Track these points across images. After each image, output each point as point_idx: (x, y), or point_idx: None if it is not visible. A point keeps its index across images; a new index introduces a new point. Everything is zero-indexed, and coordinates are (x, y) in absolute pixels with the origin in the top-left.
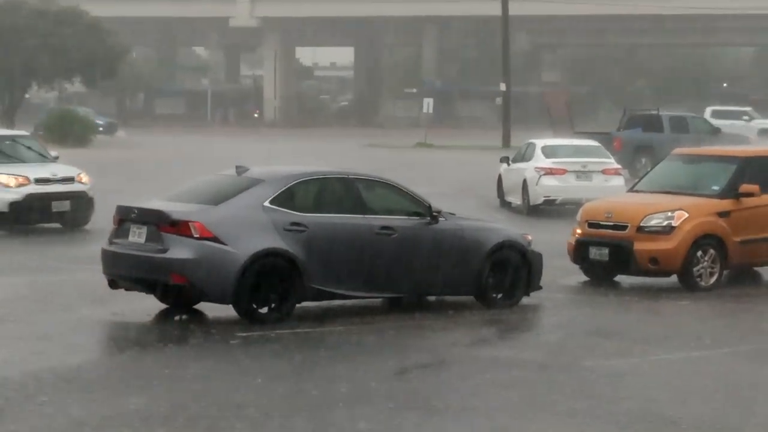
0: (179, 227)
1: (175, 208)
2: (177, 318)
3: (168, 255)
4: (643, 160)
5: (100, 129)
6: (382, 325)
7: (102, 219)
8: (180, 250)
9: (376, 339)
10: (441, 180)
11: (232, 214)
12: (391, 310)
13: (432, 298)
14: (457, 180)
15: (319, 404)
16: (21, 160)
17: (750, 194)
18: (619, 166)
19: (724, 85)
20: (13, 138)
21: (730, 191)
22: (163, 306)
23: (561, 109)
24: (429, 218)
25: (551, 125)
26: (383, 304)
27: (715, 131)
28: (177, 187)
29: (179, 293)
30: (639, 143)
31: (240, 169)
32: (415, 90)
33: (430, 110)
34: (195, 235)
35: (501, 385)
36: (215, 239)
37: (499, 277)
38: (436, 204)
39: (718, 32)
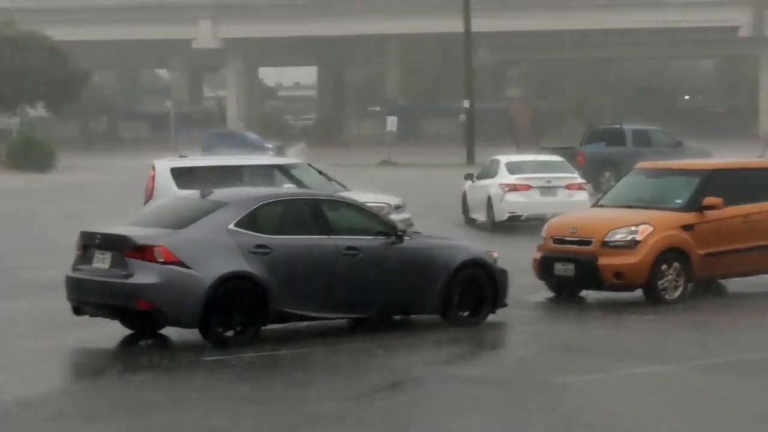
0: (143, 252)
1: (139, 233)
2: (142, 343)
3: (133, 280)
4: (607, 174)
5: None
6: (349, 345)
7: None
8: (145, 275)
9: (344, 360)
10: (405, 198)
11: (197, 237)
12: (358, 330)
13: (398, 317)
14: (422, 197)
15: (292, 426)
16: None
17: (713, 207)
18: (583, 181)
19: (686, 97)
20: None
21: (694, 204)
22: (128, 332)
23: (525, 125)
24: (394, 237)
25: (515, 141)
26: (350, 325)
27: (678, 144)
28: (140, 211)
29: (145, 318)
30: (602, 157)
31: (204, 192)
32: (378, 108)
33: (394, 128)
34: (159, 260)
35: (469, 403)
36: (180, 263)
37: (465, 295)
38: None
39: (678, 45)
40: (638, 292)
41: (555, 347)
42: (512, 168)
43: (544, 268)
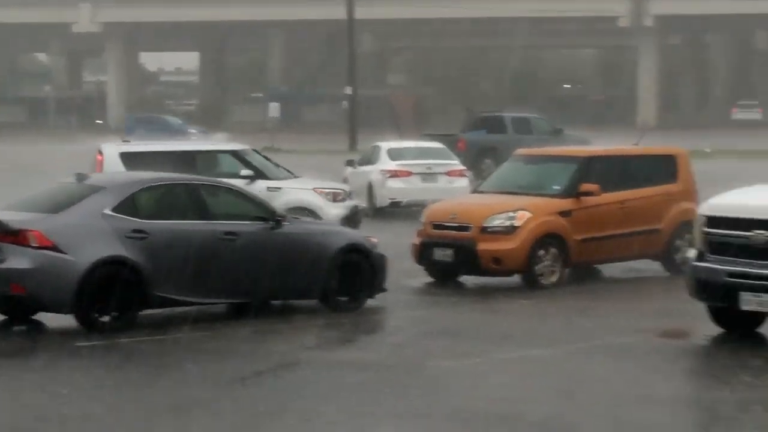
0: (17, 236)
1: (13, 217)
2: (16, 329)
3: (6, 265)
4: (488, 161)
5: None
6: (227, 331)
7: None
8: (18, 259)
9: (222, 345)
10: None
11: (72, 222)
12: (236, 315)
13: (277, 302)
14: None
15: (164, 411)
16: None
17: (590, 193)
18: (463, 168)
19: (566, 86)
20: None
21: (571, 191)
22: (0, 317)
23: (407, 112)
24: (273, 222)
25: (397, 128)
26: (228, 310)
27: (557, 132)
28: (15, 196)
29: (18, 303)
30: (483, 144)
31: (80, 177)
32: (261, 94)
33: (277, 114)
34: (33, 244)
35: (347, 388)
36: (54, 248)
37: (344, 280)
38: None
39: (559, 35)
40: (516, 278)
41: (433, 332)
42: (393, 154)
43: (424, 253)
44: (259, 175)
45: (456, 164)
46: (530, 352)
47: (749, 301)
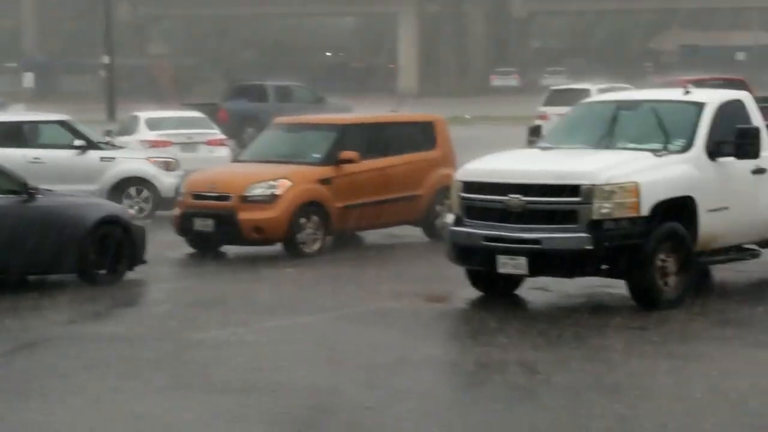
0: None
1: None
2: None
3: None
4: (250, 130)
5: None
6: None
7: None
8: None
9: None
10: None
11: None
12: None
13: (34, 277)
14: None
15: None
16: None
17: (350, 161)
18: (224, 137)
19: (327, 54)
20: None
21: (331, 158)
22: None
23: (167, 81)
24: (25, 195)
25: (158, 97)
26: None
27: (319, 100)
28: None
29: None
30: (244, 114)
31: None
32: (15, 64)
33: (32, 85)
34: None
35: (108, 362)
36: None
37: (102, 253)
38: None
39: (320, 2)
40: (278, 246)
41: (194, 303)
42: (152, 124)
43: (184, 224)
44: (91, 145)
45: (216, 133)
46: (294, 320)
47: (506, 264)
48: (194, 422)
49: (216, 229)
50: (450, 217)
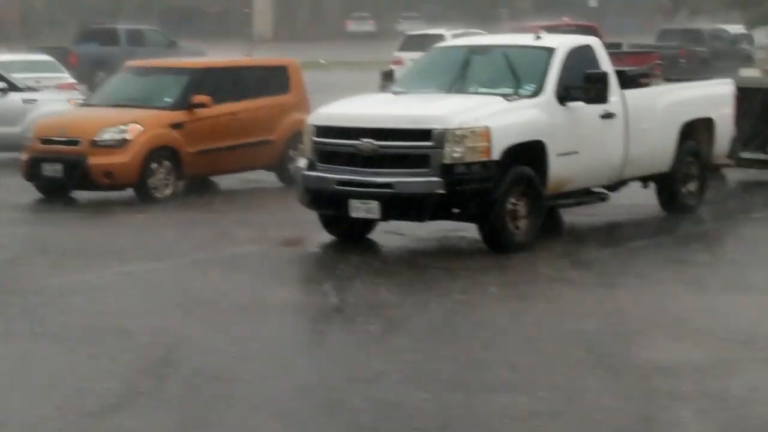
0: None
1: None
2: None
3: None
4: (100, 74)
5: None
6: None
7: None
8: None
9: None
10: None
11: None
12: None
13: None
14: None
15: None
16: None
17: (202, 105)
18: (74, 81)
19: None
20: None
21: (183, 103)
22: None
23: (15, 24)
24: None
25: (4, 40)
26: None
27: (172, 44)
28: None
29: None
30: (95, 57)
31: None
32: None
33: None
34: None
35: None
36: None
37: None
38: None
39: None
40: (130, 192)
41: (43, 249)
42: None
43: (33, 169)
44: (12, 87)
45: (66, 77)
46: (146, 266)
47: (358, 209)
48: (39, 367)
49: (65, 174)
50: (303, 162)
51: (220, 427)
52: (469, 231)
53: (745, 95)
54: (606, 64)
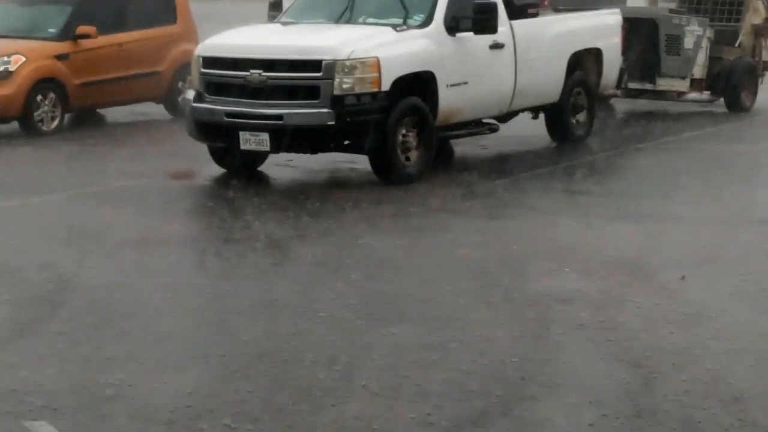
0: None
1: None
2: None
3: None
4: None
5: None
6: None
7: None
8: None
9: None
10: None
11: None
12: None
13: None
14: None
15: None
16: None
17: (87, 36)
18: None
19: None
20: None
21: (68, 33)
22: None
23: None
24: None
25: None
26: None
27: None
28: None
29: None
30: None
31: None
32: None
33: None
34: None
35: None
36: None
37: None
38: None
39: None
40: (14, 125)
41: None
42: None
43: None
44: None
45: None
46: (29, 200)
47: (248, 141)
48: None
49: None
50: (191, 94)
51: (114, 362)
52: (360, 163)
53: (632, 25)
54: None
